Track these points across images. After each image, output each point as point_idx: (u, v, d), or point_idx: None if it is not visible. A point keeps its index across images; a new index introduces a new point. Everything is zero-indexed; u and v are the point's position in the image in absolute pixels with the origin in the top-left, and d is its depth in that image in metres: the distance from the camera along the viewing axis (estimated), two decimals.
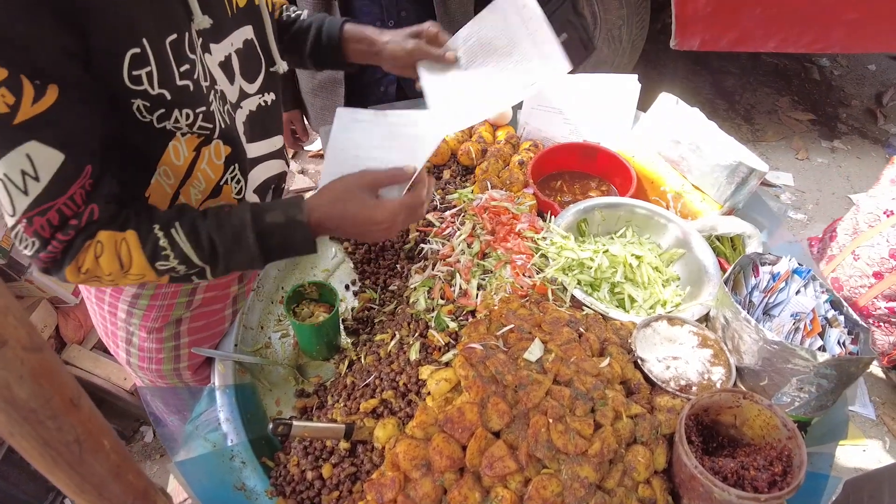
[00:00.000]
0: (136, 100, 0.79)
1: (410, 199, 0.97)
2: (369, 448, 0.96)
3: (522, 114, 1.60)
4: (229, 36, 0.94)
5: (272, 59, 1.06)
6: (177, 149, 0.89)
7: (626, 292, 1.14)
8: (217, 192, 0.99)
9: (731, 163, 1.25)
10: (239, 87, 0.99)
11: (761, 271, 1.09)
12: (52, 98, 0.71)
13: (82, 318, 2.31)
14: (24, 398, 0.44)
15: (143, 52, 0.76)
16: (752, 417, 0.90)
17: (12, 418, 0.44)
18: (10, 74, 0.67)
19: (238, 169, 1.01)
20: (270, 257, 0.93)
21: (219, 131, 0.92)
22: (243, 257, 0.90)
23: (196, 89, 0.85)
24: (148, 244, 0.85)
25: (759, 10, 3.13)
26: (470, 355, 0.92)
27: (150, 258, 0.85)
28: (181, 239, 0.86)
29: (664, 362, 1.00)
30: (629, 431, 0.87)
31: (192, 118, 0.86)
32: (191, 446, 0.99)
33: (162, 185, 0.92)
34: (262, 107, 1.05)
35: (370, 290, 1.30)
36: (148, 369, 1.20)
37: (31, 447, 0.47)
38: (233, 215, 0.90)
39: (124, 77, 0.76)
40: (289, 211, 0.92)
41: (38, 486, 2.09)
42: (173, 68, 0.81)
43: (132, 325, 1.13)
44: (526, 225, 1.22)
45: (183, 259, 0.87)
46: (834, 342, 0.96)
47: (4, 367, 0.41)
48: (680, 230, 1.25)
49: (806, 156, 3.67)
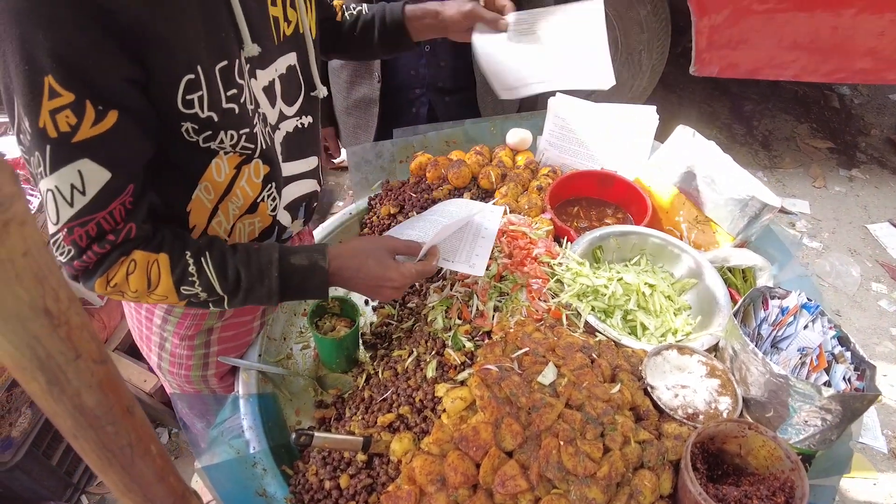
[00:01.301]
0: (185, 123, 0.86)
1: (423, 266, 1.09)
2: (385, 461, 1.00)
3: (542, 140, 1.65)
4: (274, 63, 1.00)
5: (313, 85, 1.12)
6: (219, 166, 0.95)
7: (639, 320, 1.17)
8: (254, 208, 1.05)
9: (745, 197, 1.28)
10: (279, 109, 1.05)
11: (771, 305, 1.12)
12: (111, 122, 0.78)
13: (106, 320, 2.38)
14: (91, 406, 0.48)
15: (197, 77, 0.83)
16: (757, 448, 0.92)
17: (79, 423, 0.49)
18: (76, 99, 0.74)
19: (274, 187, 1.07)
20: (286, 296, 1.00)
21: (259, 151, 0.98)
22: (263, 293, 0.97)
23: (241, 112, 0.91)
24: (178, 269, 0.91)
25: (779, 39, 3.16)
26: (486, 376, 0.96)
27: (177, 282, 0.91)
28: (209, 268, 0.92)
29: (673, 390, 1.03)
30: (637, 456, 0.90)
31: (235, 139, 0.92)
32: (215, 451, 1.04)
33: (202, 201, 0.98)
34: (298, 129, 1.12)
35: (388, 306, 1.35)
36: (177, 374, 1.26)
37: (91, 450, 0.52)
38: (262, 253, 0.97)
39: (178, 102, 0.82)
40: (313, 255, 1.00)
41: (57, 482, 2.15)
42: (221, 93, 0.87)
43: (166, 332, 1.19)
44: (543, 250, 1.26)
45: (207, 287, 0.93)
46: (839, 378, 0.98)
47: (77, 378, 0.46)
48: (693, 260, 1.29)
49: (823, 184, 3.68)
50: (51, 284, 0.42)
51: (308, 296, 1.04)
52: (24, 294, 0.40)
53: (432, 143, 1.73)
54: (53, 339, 0.43)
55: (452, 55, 1.74)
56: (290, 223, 1.18)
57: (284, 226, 1.16)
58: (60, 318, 0.43)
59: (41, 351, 0.43)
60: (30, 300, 0.40)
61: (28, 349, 0.42)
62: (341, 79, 1.84)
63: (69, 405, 0.47)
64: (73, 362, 0.45)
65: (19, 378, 0.45)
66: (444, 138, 1.75)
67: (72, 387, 0.46)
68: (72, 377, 0.46)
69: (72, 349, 0.45)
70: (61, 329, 0.43)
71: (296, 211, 1.19)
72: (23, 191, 0.38)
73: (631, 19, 3.39)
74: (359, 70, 1.79)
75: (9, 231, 0.37)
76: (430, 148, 1.71)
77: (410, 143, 1.70)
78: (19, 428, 1.99)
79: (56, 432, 2.14)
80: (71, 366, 0.45)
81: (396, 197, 1.59)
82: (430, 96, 1.84)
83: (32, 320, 0.41)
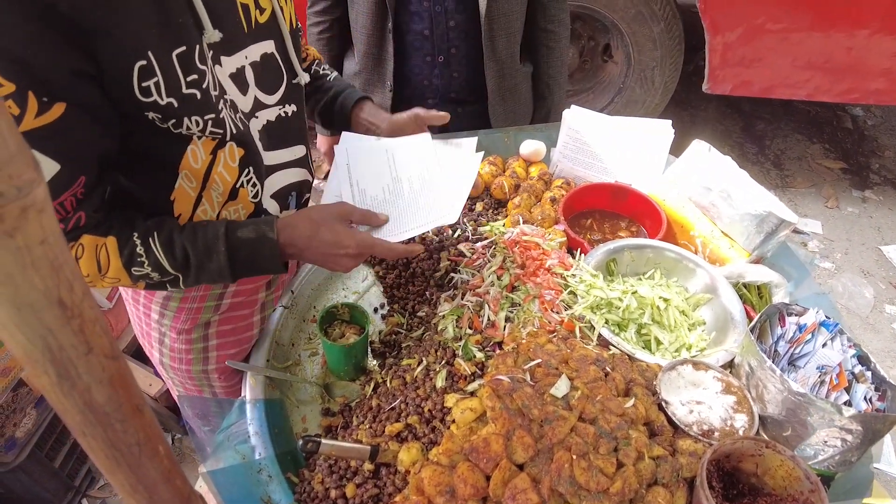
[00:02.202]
0: (149, 112, 0.85)
1: (387, 243, 1.05)
2: (393, 471, 0.99)
3: (555, 152, 1.64)
4: (243, 50, 0.99)
5: (294, 72, 1.11)
6: (195, 152, 0.95)
7: (653, 334, 1.15)
8: (234, 194, 1.04)
9: (762, 212, 1.27)
10: (254, 97, 1.04)
11: (788, 321, 1.10)
12: (58, 113, 0.76)
13: (114, 322, 2.38)
14: (101, 402, 0.47)
15: (150, 64, 0.82)
16: (775, 467, 0.90)
17: (88, 419, 0.48)
18: (17, 89, 0.72)
19: (253, 173, 1.06)
20: (237, 271, 0.99)
21: (230, 135, 0.97)
22: (213, 268, 0.96)
23: (204, 98, 0.89)
24: (125, 250, 0.91)
25: (794, 58, 3.16)
26: (497, 387, 0.94)
27: (126, 264, 0.91)
28: (157, 248, 0.92)
29: (688, 406, 1.01)
30: (651, 472, 0.88)
31: (201, 124, 0.91)
32: (221, 456, 1.02)
33: (186, 189, 0.98)
34: (281, 117, 1.11)
35: (398, 314, 1.33)
36: (179, 370, 1.25)
37: (99, 447, 0.51)
38: (208, 228, 0.96)
39: (135, 90, 0.81)
40: (260, 227, 0.99)
41: (58, 484, 2.14)
42: (180, 79, 0.86)
43: (164, 327, 1.19)
44: (556, 261, 1.25)
45: (156, 266, 0.93)
46: (860, 398, 0.96)
47: (88, 373, 0.45)
48: (708, 275, 1.27)
49: (836, 204, 3.65)
50: (66, 275, 0.41)
51: (263, 269, 1.02)
52: (40, 283, 0.39)
53: None
54: (66, 332, 0.42)
55: (466, 66, 1.75)
56: (278, 212, 1.17)
57: (273, 215, 1.15)
58: (74, 311, 0.42)
59: (53, 343, 0.42)
60: (45, 290, 0.39)
61: (40, 340, 0.41)
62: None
63: (79, 401, 0.46)
64: (84, 356, 0.44)
65: (30, 370, 0.44)
66: None
67: (82, 382, 0.45)
68: (83, 372, 0.45)
69: (84, 343, 0.44)
70: (74, 321, 0.42)
71: (284, 200, 1.18)
72: (43, 177, 0.37)
73: (644, 36, 3.40)
74: (371, 79, 1.79)
75: (27, 218, 0.36)
76: None
77: None
78: (23, 428, 1.98)
79: (60, 434, 2.13)
80: (82, 360, 0.44)
81: None
82: (443, 107, 1.83)
83: (46, 310, 0.40)
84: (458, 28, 1.66)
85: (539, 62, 1.87)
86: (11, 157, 0.34)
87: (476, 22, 1.65)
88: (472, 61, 1.74)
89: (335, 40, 1.85)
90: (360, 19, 1.69)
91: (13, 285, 0.38)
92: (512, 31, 1.70)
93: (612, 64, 3.73)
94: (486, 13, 1.60)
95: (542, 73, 1.89)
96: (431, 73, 1.75)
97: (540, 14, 1.77)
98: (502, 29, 1.66)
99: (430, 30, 1.66)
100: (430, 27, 1.65)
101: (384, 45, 1.69)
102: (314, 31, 1.83)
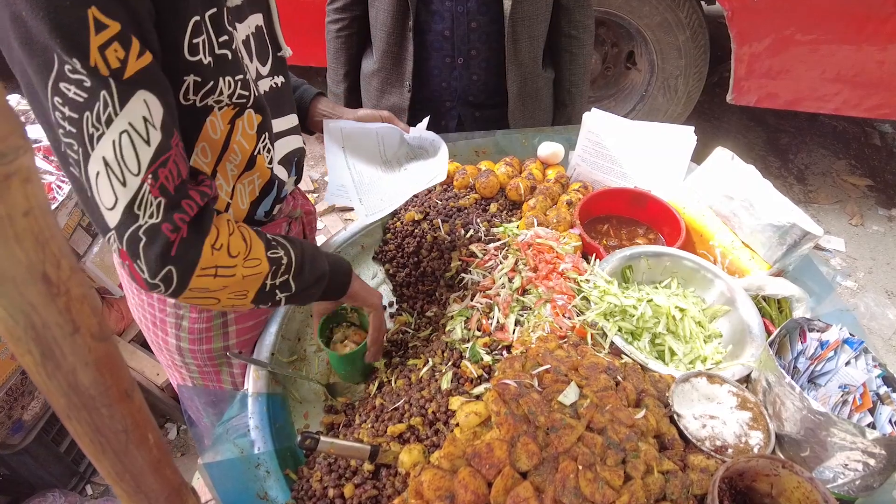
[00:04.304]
0: (188, 76, 0.83)
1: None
2: (393, 473, 0.96)
3: (574, 155, 1.61)
4: (247, 19, 1.00)
5: (279, 46, 1.12)
6: (213, 123, 0.94)
7: (667, 344, 1.12)
8: (252, 163, 1.04)
9: (785, 224, 1.23)
10: (256, 67, 1.05)
11: (809, 337, 1.06)
12: (149, 60, 0.75)
13: (125, 311, 2.39)
14: (86, 385, 0.46)
15: (202, 20, 0.82)
16: (791, 489, 0.86)
17: (72, 402, 0.46)
18: (121, 29, 0.71)
19: (268, 138, 1.06)
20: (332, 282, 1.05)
21: (253, 99, 0.97)
22: (319, 268, 1.01)
23: (234, 58, 0.90)
24: (257, 233, 0.93)
25: (822, 70, 3.09)
26: (504, 391, 0.91)
27: (266, 245, 0.92)
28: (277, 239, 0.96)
29: (700, 420, 0.97)
30: (659, 487, 0.85)
31: (232, 86, 0.91)
32: (219, 449, 1.01)
33: (200, 164, 0.97)
34: (273, 87, 1.11)
35: (407, 313, 1.31)
36: (198, 351, 1.24)
37: (84, 432, 0.49)
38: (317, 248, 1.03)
39: (184, 47, 0.80)
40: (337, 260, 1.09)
41: (63, 468, 2.15)
42: (213, 38, 0.86)
43: (182, 308, 1.18)
44: (570, 265, 1.22)
45: (286, 251, 0.94)
46: (885, 420, 0.92)
47: (73, 354, 0.43)
48: (726, 286, 1.23)
49: (860, 222, 3.56)
50: (52, 250, 0.39)
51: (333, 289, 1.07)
52: (23, 256, 0.37)
53: (462, 151, 1.71)
54: (51, 310, 0.40)
55: (485, 70, 1.72)
56: (286, 178, 1.17)
57: (283, 180, 1.15)
58: (60, 287, 0.40)
59: (37, 320, 0.40)
60: (28, 264, 0.37)
61: (23, 316, 0.39)
62: (372, 86, 1.83)
63: (63, 382, 0.44)
64: (70, 336, 0.43)
65: (14, 349, 0.42)
66: (474, 147, 1.73)
67: (67, 363, 0.44)
68: (68, 352, 0.43)
69: (69, 322, 0.42)
70: (60, 299, 0.41)
71: (289, 165, 1.19)
72: (30, 145, 0.35)
73: (669, 44, 3.36)
74: (390, 79, 1.77)
75: (10, 186, 0.34)
76: (459, 156, 1.69)
77: None
78: (31, 412, 1.99)
79: None
80: (67, 340, 0.43)
81: (421, 203, 1.56)
82: (461, 110, 1.82)
83: (30, 286, 0.38)
84: (480, 30, 1.64)
85: (561, 68, 1.84)
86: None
87: (498, 24, 1.62)
88: (491, 65, 1.71)
89: (353, 38, 1.83)
90: (381, 17, 1.67)
91: None
92: (535, 34, 1.67)
93: (636, 71, 3.69)
94: (511, 15, 1.57)
95: (564, 80, 1.86)
96: (450, 75, 1.73)
97: (564, 19, 1.74)
98: (526, 32, 1.64)
99: (451, 30, 1.64)
100: (451, 27, 1.63)
101: (404, 44, 1.67)
102: (333, 28, 1.81)
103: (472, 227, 1.43)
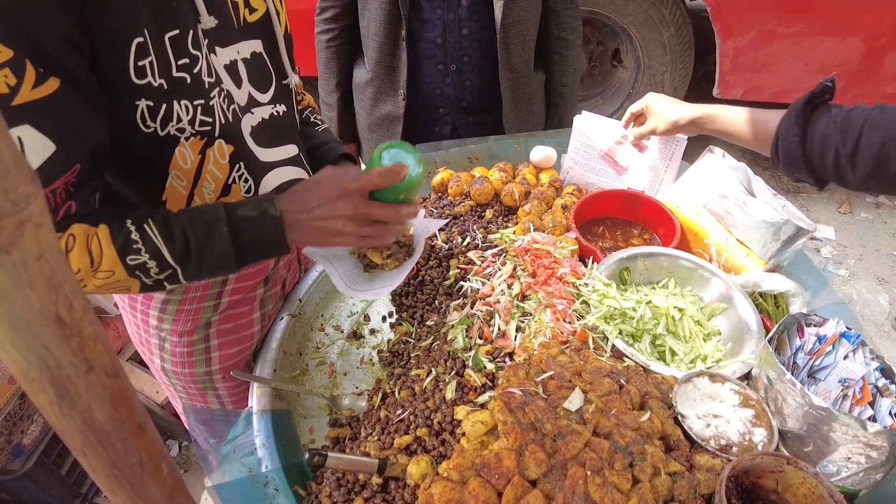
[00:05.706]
0: (140, 100, 0.83)
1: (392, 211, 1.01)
2: (402, 485, 0.96)
3: (566, 159, 1.62)
4: (236, 44, 0.99)
5: (284, 73, 1.10)
6: (183, 154, 0.93)
7: (668, 345, 1.13)
8: (227, 190, 1.03)
9: (779, 220, 1.24)
10: (248, 93, 1.04)
11: (806, 332, 1.07)
12: (52, 88, 0.73)
13: (121, 329, 2.38)
14: (101, 421, 0.46)
15: (146, 41, 0.80)
16: (796, 484, 0.87)
17: (88, 439, 0.46)
18: (14, 55, 0.69)
19: (245, 168, 1.04)
20: (244, 254, 0.93)
21: (219, 128, 0.95)
22: (216, 252, 0.90)
23: (194, 83, 0.88)
24: (119, 237, 0.85)
25: (806, 63, 3.13)
26: (509, 400, 0.92)
27: (121, 252, 0.84)
28: (153, 232, 0.86)
29: (704, 419, 0.98)
30: (667, 489, 0.86)
31: (191, 111, 0.89)
32: (226, 469, 1.00)
33: (177, 188, 0.97)
34: (274, 116, 1.10)
35: (407, 322, 1.31)
36: (182, 374, 1.24)
37: (100, 467, 0.49)
38: (206, 210, 0.91)
39: (130, 70, 0.80)
40: (262, 205, 0.93)
41: (65, 491, 2.13)
42: (171, 60, 0.85)
43: (163, 331, 1.18)
44: (568, 270, 1.23)
45: (154, 253, 0.86)
46: (885, 413, 0.93)
47: (88, 391, 0.44)
48: (723, 284, 1.24)
49: (849, 210, 3.60)
50: (64, 292, 0.39)
51: (268, 251, 0.96)
52: (36, 300, 0.37)
53: (455, 158, 1.71)
54: (65, 350, 0.41)
55: (478, 75, 1.73)
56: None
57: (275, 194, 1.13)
58: (73, 328, 0.41)
59: (51, 361, 0.40)
60: (41, 307, 0.38)
61: (37, 359, 0.40)
62: (366, 95, 1.84)
63: (78, 420, 0.45)
64: (84, 375, 0.43)
65: (27, 390, 0.43)
66: (468, 154, 1.73)
67: (82, 401, 0.44)
68: (82, 391, 0.43)
69: (83, 361, 0.42)
70: (73, 339, 0.41)
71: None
72: (41, 191, 0.36)
73: (654, 41, 3.38)
74: (383, 87, 1.78)
75: (23, 233, 0.35)
76: (452, 164, 1.69)
77: (433, 158, 1.68)
78: (31, 436, 1.97)
79: None
80: (82, 379, 0.43)
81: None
82: (455, 116, 1.82)
83: (43, 329, 0.39)
84: (472, 36, 1.64)
85: (552, 70, 1.85)
86: (7, 170, 0.33)
87: (489, 30, 1.63)
88: (484, 70, 1.72)
89: (344, 47, 1.84)
90: (373, 27, 1.67)
91: (8, 303, 0.36)
92: (526, 38, 1.68)
93: (622, 69, 3.71)
94: (502, 21, 1.58)
95: (555, 81, 1.87)
96: (443, 82, 1.74)
97: (553, 22, 1.76)
98: (517, 37, 1.65)
99: (443, 38, 1.64)
100: (443, 35, 1.64)
101: (398, 52, 1.68)
102: (323, 38, 1.82)
103: (469, 235, 1.43)
